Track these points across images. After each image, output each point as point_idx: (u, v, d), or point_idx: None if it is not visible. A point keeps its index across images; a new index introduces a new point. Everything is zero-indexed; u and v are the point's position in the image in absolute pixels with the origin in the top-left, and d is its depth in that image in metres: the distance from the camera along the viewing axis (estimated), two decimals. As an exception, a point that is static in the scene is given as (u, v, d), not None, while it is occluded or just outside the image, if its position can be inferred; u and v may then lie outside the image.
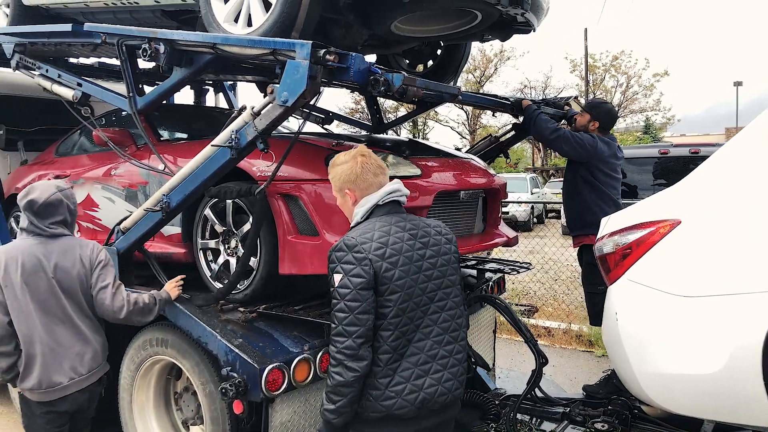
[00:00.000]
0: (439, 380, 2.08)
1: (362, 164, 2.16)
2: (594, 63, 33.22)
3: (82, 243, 2.83)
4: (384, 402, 2.01)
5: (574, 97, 5.42)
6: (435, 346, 2.10)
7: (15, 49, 4.08)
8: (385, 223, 2.08)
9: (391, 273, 2.00)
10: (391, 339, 2.01)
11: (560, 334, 6.23)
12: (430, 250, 2.12)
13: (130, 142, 3.88)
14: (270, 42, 2.66)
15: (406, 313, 2.03)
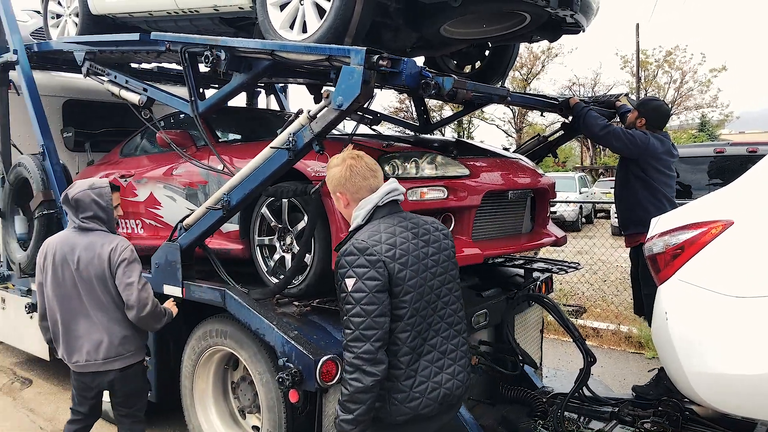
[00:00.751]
0: (453, 374, 2.12)
1: (350, 168, 2.15)
2: (646, 59, 32.30)
3: (108, 240, 2.96)
4: (410, 404, 2.02)
5: (624, 94, 5.35)
6: (444, 341, 2.13)
7: (86, 56, 4.36)
8: (389, 224, 2.08)
9: (403, 273, 2.00)
10: (409, 340, 2.02)
11: (609, 335, 6.16)
12: (431, 247, 2.13)
13: (190, 143, 4.09)
14: (326, 48, 2.78)
15: (419, 313, 2.04)
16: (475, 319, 3.64)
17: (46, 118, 4.75)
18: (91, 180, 3.09)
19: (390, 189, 2.16)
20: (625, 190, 4.19)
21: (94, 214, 2.97)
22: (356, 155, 2.20)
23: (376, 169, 2.19)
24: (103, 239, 2.95)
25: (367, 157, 2.20)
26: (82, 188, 2.98)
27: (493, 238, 3.48)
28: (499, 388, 3.89)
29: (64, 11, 4.95)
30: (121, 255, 2.90)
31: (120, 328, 2.96)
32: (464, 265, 3.18)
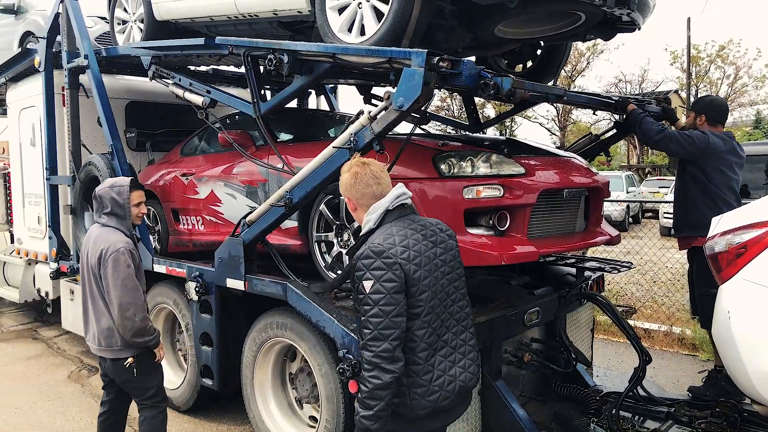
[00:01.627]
0: (464, 367, 2.22)
1: (355, 175, 2.25)
2: (697, 54, 31.28)
3: (107, 238, 3.09)
4: (429, 397, 2.10)
5: (674, 91, 5.24)
6: (453, 337, 2.21)
7: (152, 60, 4.58)
8: (401, 227, 2.16)
9: (418, 274, 2.08)
10: (426, 336, 2.10)
11: (660, 336, 6.06)
12: (439, 247, 2.21)
13: (250, 143, 4.26)
14: (387, 51, 2.87)
15: (434, 311, 2.13)
16: (527, 317, 3.68)
17: (114, 119, 5.00)
18: (115, 179, 3.30)
19: (399, 193, 2.25)
20: (681, 191, 4.15)
21: (111, 211, 3.16)
22: (362, 163, 2.30)
23: (381, 177, 2.26)
24: (107, 236, 3.11)
25: (373, 165, 2.29)
26: (104, 186, 3.21)
27: (548, 236, 3.50)
28: (552, 386, 3.92)
29: (130, 18, 5.19)
30: (110, 255, 3.02)
31: (105, 320, 3.10)
32: (519, 262, 3.24)
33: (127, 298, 3.00)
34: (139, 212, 3.29)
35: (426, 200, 3.18)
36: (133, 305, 3.00)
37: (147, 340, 3.10)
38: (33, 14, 7.26)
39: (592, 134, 4.85)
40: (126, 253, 3.05)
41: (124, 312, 2.99)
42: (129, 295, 3.00)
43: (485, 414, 3.55)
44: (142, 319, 3.04)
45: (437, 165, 3.21)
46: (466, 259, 3.07)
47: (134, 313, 3.00)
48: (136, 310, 3.02)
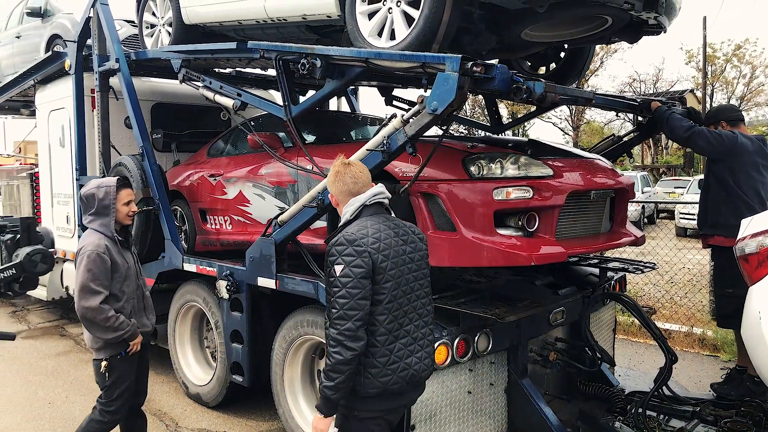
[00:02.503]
0: (420, 358, 2.39)
1: (336, 174, 2.47)
2: (713, 53, 31.03)
3: (83, 240, 3.11)
4: (381, 378, 2.27)
5: (689, 90, 5.29)
6: (415, 329, 2.39)
7: (182, 63, 4.68)
8: (375, 222, 2.36)
9: (385, 264, 2.27)
10: (386, 322, 2.27)
11: (681, 337, 6.08)
12: (409, 246, 2.41)
13: (279, 144, 4.34)
14: (421, 56, 2.94)
15: (396, 300, 2.31)
16: (552, 316, 3.74)
17: (144, 121, 5.10)
18: (101, 179, 3.26)
19: (377, 192, 2.44)
20: (705, 189, 4.20)
21: (95, 211, 3.12)
22: (345, 163, 2.49)
23: (359, 177, 2.45)
24: (85, 237, 3.12)
25: (353, 167, 2.47)
26: (91, 186, 3.18)
27: (575, 237, 3.55)
28: (576, 384, 3.97)
29: (158, 22, 5.30)
30: (80, 254, 3.04)
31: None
32: (547, 263, 3.30)
33: (83, 302, 2.97)
34: (129, 211, 3.23)
35: (455, 201, 3.24)
36: (89, 309, 2.97)
37: (120, 335, 3.05)
38: (60, 17, 7.41)
39: (614, 135, 4.89)
40: (92, 256, 3.00)
41: (83, 316, 2.99)
42: (84, 298, 2.97)
43: (511, 412, 3.62)
44: (104, 319, 2.99)
45: (467, 167, 3.27)
46: (495, 259, 3.17)
47: (94, 315, 2.97)
48: (95, 312, 2.97)
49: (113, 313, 3.03)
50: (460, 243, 3.21)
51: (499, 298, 3.54)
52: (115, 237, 3.15)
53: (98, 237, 3.09)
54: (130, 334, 3.11)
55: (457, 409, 3.35)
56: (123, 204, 3.19)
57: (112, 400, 3.15)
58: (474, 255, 3.20)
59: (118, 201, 3.17)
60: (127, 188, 3.26)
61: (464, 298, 3.43)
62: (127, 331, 3.09)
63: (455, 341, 3.20)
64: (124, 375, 3.17)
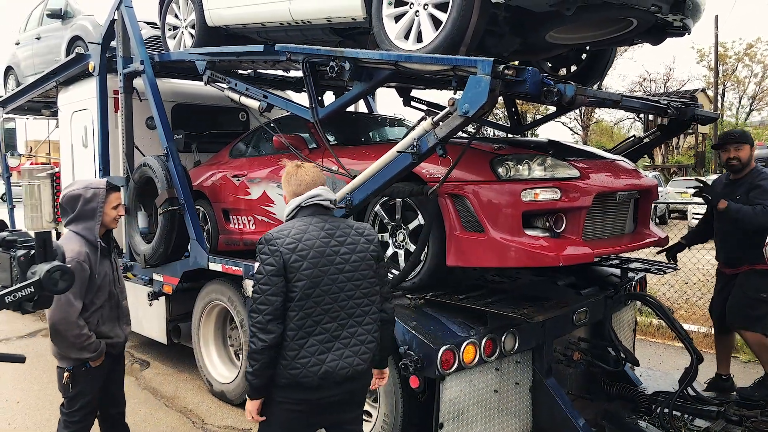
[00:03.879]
0: (340, 356, 2.40)
1: (286, 175, 2.59)
2: (725, 52, 30.86)
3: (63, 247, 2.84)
4: (290, 371, 2.35)
5: (701, 89, 5.32)
6: (340, 328, 2.42)
7: (206, 65, 4.74)
8: (305, 223, 2.43)
9: (299, 264, 2.32)
10: (296, 319, 2.34)
11: (699, 337, 6.08)
12: (345, 247, 2.44)
13: (304, 145, 4.39)
14: (452, 59, 2.98)
15: (311, 298, 2.35)
16: (576, 316, 3.77)
17: (168, 122, 5.17)
18: (89, 180, 3.10)
19: (313, 194, 2.51)
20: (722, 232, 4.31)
21: (79, 214, 2.94)
22: (296, 166, 2.60)
23: (303, 179, 2.55)
24: (65, 243, 2.89)
25: (302, 170, 2.57)
26: (77, 186, 2.98)
27: (601, 238, 3.59)
28: (600, 384, 4.00)
29: (181, 24, 5.36)
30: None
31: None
32: (575, 263, 3.33)
33: (55, 313, 2.80)
34: (116, 215, 3.07)
35: (483, 202, 3.28)
36: (62, 320, 2.80)
37: (84, 356, 2.91)
38: (80, 19, 7.49)
39: (635, 137, 4.91)
40: (72, 264, 2.77)
41: (53, 327, 2.82)
42: (59, 310, 2.79)
43: (536, 411, 3.65)
44: (74, 336, 2.83)
45: (495, 168, 3.31)
46: (523, 260, 3.21)
47: (66, 328, 2.81)
48: (68, 326, 2.81)
49: (86, 332, 2.87)
50: (488, 244, 3.25)
51: (525, 298, 3.58)
52: (98, 243, 2.96)
53: (79, 243, 2.91)
54: (93, 356, 2.93)
55: (483, 408, 3.39)
56: (112, 207, 3.04)
57: (74, 410, 2.99)
58: (502, 255, 3.24)
59: (108, 204, 3.00)
60: (116, 191, 3.12)
61: (491, 298, 3.47)
62: (92, 353, 2.92)
63: (483, 340, 3.25)
64: (87, 387, 3.00)
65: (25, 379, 5.29)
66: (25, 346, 6.30)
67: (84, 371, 2.97)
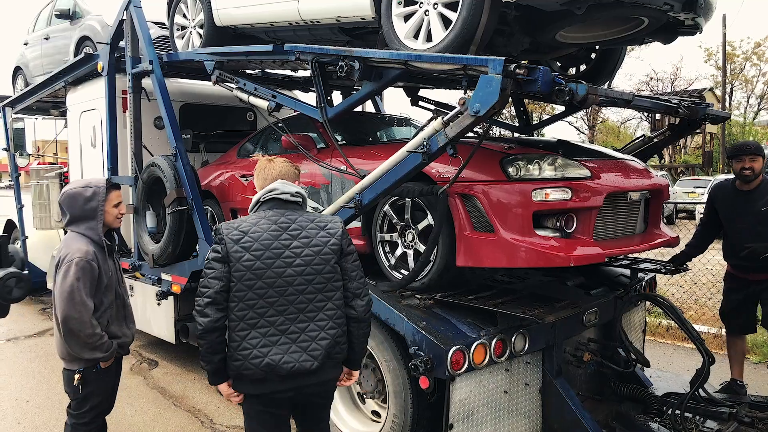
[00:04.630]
0: (285, 351, 2.38)
1: (257, 169, 2.65)
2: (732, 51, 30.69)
3: (68, 245, 2.86)
4: (234, 362, 2.38)
5: (708, 89, 5.29)
6: (287, 323, 2.40)
7: (215, 65, 4.74)
8: (259, 217, 2.46)
9: (241, 255, 2.35)
10: (236, 310, 2.36)
11: (710, 338, 6.05)
12: (298, 241, 2.43)
13: (312, 145, 4.39)
14: (463, 58, 2.96)
15: (253, 290, 2.35)
16: (586, 317, 3.75)
17: (177, 121, 5.18)
18: (89, 179, 3.07)
19: (271, 188, 2.53)
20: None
21: (81, 214, 2.91)
22: (268, 160, 2.64)
23: (269, 174, 2.58)
24: (69, 242, 2.88)
25: (273, 164, 2.61)
26: (77, 185, 2.97)
27: (611, 238, 3.56)
28: (610, 385, 3.97)
29: (189, 24, 5.37)
30: (63, 264, 2.81)
31: (56, 330, 2.90)
32: (586, 264, 3.31)
33: (70, 313, 2.75)
34: (118, 213, 3.05)
35: (494, 202, 3.27)
36: (77, 320, 2.75)
37: (97, 356, 2.88)
38: (89, 19, 7.51)
39: (645, 136, 4.87)
40: (81, 263, 2.78)
41: (67, 326, 2.76)
42: (74, 309, 2.75)
43: (546, 412, 3.63)
44: (88, 335, 2.79)
45: (505, 168, 3.29)
46: (534, 260, 3.19)
47: (79, 328, 2.76)
48: (82, 326, 2.76)
49: (99, 332, 2.84)
50: (498, 244, 3.24)
51: (535, 298, 3.56)
52: (103, 242, 2.94)
53: (85, 242, 2.87)
54: (105, 356, 2.91)
55: (493, 409, 3.37)
56: (113, 206, 3.01)
57: (83, 412, 2.96)
58: (512, 256, 3.23)
59: (108, 202, 2.97)
60: (117, 189, 3.07)
61: (501, 299, 3.45)
62: (104, 354, 2.90)
63: (493, 341, 3.23)
64: (99, 388, 2.98)
65: (34, 378, 5.32)
66: (34, 345, 6.32)
67: (95, 372, 2.96)
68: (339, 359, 2.54)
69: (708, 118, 4.19)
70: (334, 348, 2.47)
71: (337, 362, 2.54)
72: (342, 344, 2.51)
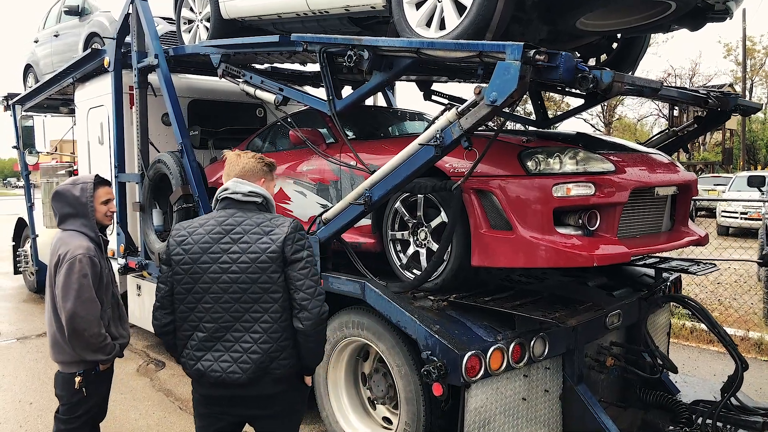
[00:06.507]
0: (216, 358, 2.30)
1: (225, 165, 2.54)
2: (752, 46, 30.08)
3: (66, 243, 2.77)
4: (180, 360, 2.39)
5: (728, 84, 5.03)
6: (221, 330, 2.30)
7: (221, 59, 4.60)
8: (209, 217, 2.38)
9: (180, 258, 2.30)
10: (178, 311, 2.34)
11: (736, 341, 5.79)
12: (237, 246, 2.29)
13: (321, 140, 4.23)
14: (478, 44, 2.78)
15: (191, 293, 2.30)
16: (608, 319, 3.55)
17: (183, 117, 5.05)
18: (77, 176, 3.00)
19: (223, 188, 2.44)
20: None
21: (73, 211, 2.83)
22: (236, 155, 2.52)
23: (232, 170, 2.48)
24: (67, 240, 2.79)
25: (239, 159, 2.49)
26: (66, 184, 2.91)
27: (636, 236, 3.36)
28: (635, 391, 3.77)
29: (196, 17, 5.25)
30: (66, 261, 2.70)
31: (53, 331, 2.80)
32: (610, 264, 3.11)
33: (79, 310, 2.65)
34: (107, 210, 2.93)
35: (512, 198, 3.08)
36: (84, 319, 2.66)
37: (99, 358, 2.78)
38: (97, 15, 7.43)
39: (670, 129, 4.65)
40: (84, 260, 2.70)
41: (74, 325, 2.66)
42: (82, 307, 2.65)
43: (567, 420, 3.44)
44: (94, 335, 2.70)
45: (523, 162, 3.11)
46: (554, 259, 3.00)
47: (86, 327, 2.67)
48: (89, 325, 2.67)
49: (104, 332, 2.75)
50: (517, 242, 3.05)
51: (555, 300, 3.37)
52: (100, 238, 2.86)
53: (84, 239, 2.79)
54: (108, 358, 2.81)
55: (511, 417, 3.19)
56: (101, 203, 2.89)
57: (74, 417, 2.83)
58: (531, 255, 3.04)
59: (96, 199, 2.86)
60: (106, 186, 2.95)
61: (519, 300, 3.26)
62: (107, 356, 2.80)
63: (511, 346, 3.05)
64: (95, 391, 2.87)
65: (39, 379, 5.22)
66: (41, 345, 6.24)
67: (94, 375, 2.84)
68: (280, 375, 2.32)
69: (739, 109, 3.97)
70: (270, 363, 2.29)
71: (278, 378, 2.32)
72: (282, 359, 2.30)
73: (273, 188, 2.62)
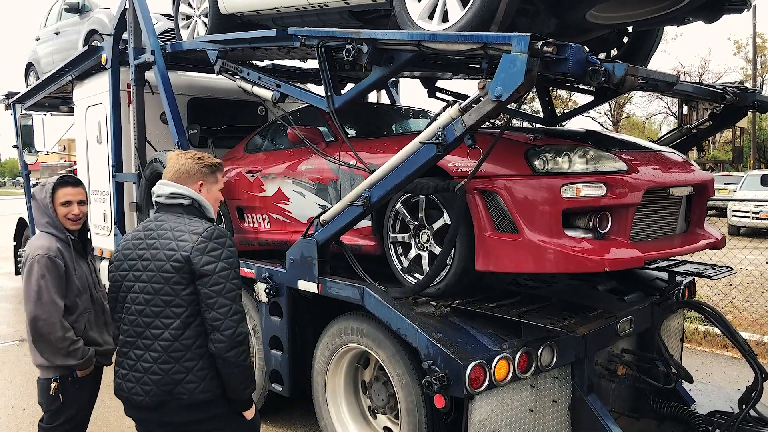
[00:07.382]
0: (123, 376, 2.18)
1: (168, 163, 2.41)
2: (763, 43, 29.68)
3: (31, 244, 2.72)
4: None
5: (738, 82, 4.88)
6: (126, 345, 2.18)
7: (218, 55, 4.47)
8: (143, 222, 2.31)
9: (111, 266, 2.26)
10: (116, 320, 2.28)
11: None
12: (149, 252, 2.15)
13: (320, 139, 4.08)
14: (483, 36, 2.62)
15: (118, 303, 2.22)
16: (620, 326, 3.38)
17: (180, 116, 4.92)
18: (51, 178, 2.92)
19: (153, 191, 2.33)
20: None
21: (39, 212, 2.78)
22: (177, 155, 2.39)
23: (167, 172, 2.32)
24: (33, 241, 2.75)
25: (176, 160, 2.33)
26: (38, 185, 2.89)
27: (650, 239, 3.19)
28: (648, 401, 3.60)
29: (194, 13, 5.12)
30: (29, 259, 2.64)
31: (27, 334, 2.71)
32: (622, 269, 2.95)
33: (39, 313, 2.56)
34: (68, 213, 2.75)
35: (518, 199, 2.92)
36: (47, 322, 2.56)
37: (71, 363, 2.67)
38: (97, 13, 7.35)
39: (683, 126, 4.47)
40: (42, 260, 2.59)
41: (37, 329, 2.58)
42: (42, 310, 2.56)
43: (576, 431, 3.28)
44: (59, 339, 2.59)
45: (530, 161, 2.94)
46: (564, 264, 2.84)
47: (49, 330, 2.57)
48: (51, 328, 2.57)
49: (71, 335, 2.64)
50: (524, 246, 2.89)
51: (563, 306, 3.21)
52: (68, 238, 2.74)
53: (49, 239, 2.70)
54: (80, 363, 2.69)
55: (517, 429, 3.03)
56: (60, 204, 2.74)
57: (57, 425, 2.73)
58: (539, 259, 2.88)
59: (55, 200, 2.73)
60: (69, 186, 2.78)
61: (526, 307, 3.10)
62: (79, 360, 2.68)
63: (517, 355, 2.89)
64: (74, 399, 2.75)
65: (33, 385, 5.08)
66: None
67: (71, 381, 2.73)
68: (188, 401, 2.09)
69: (757, 105, 3.78)
70: (174, 387, 2.08)
71: (186, 404, 2.10)
72: (187, 383, 2.09)
73: (216, 191, 2.40)
